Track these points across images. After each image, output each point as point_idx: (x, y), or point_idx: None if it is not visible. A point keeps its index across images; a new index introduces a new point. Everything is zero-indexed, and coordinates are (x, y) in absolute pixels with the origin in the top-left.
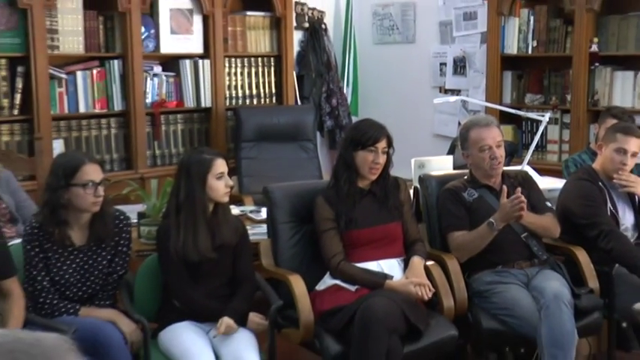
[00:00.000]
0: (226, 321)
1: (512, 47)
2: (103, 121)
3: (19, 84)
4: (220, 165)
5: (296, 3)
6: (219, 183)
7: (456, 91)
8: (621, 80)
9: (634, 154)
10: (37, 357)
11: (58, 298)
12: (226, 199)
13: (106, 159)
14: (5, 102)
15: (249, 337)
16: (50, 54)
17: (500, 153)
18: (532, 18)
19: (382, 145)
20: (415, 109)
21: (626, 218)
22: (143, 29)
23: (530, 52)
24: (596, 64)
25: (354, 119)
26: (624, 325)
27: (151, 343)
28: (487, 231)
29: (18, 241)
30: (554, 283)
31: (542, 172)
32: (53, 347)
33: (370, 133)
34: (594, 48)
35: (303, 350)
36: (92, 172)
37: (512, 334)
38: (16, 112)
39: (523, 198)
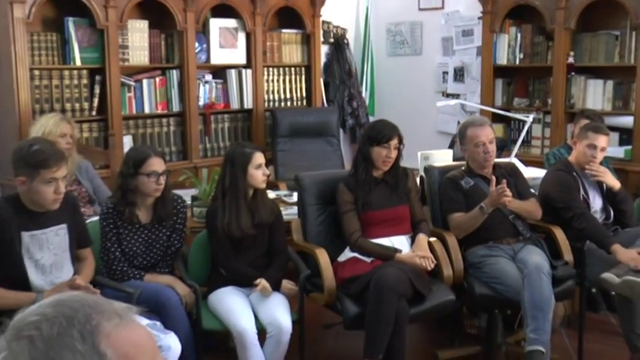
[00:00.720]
0: (263, 282)
1: (502, 59)
2: (164, 120)
3: (97, 90)
4: (259, 157)
5: (323, 22)
6: (258, 172)
7: (455, 95)
8: (593, 87)
9: (602, 149)
10: (105, 312)
11: (127, 266)
12: (264, 185)
13: (165, 151)
14: (85, 105)
15: (282, 299)
16: (122, 65)
17: (492, 148)
18: (519, 35)
19: (394, 142)
20: (421, 110)
21: (596, 202)
22: (197, 44)
23: (517, 62)
24: (572, 73)
25: (371, 119)
26: (594, 290)
27: (201, 303)
28: (479, 214)
29: (95, 219)
30: (536, 257)
31: (527, 163)
32: (121, 307)
33: (385, 132)
34: (570, 60)
35: (327, 311)
36: (156, 164)
37: (501, 299)
38: (94, 113)
39: (507, 188)
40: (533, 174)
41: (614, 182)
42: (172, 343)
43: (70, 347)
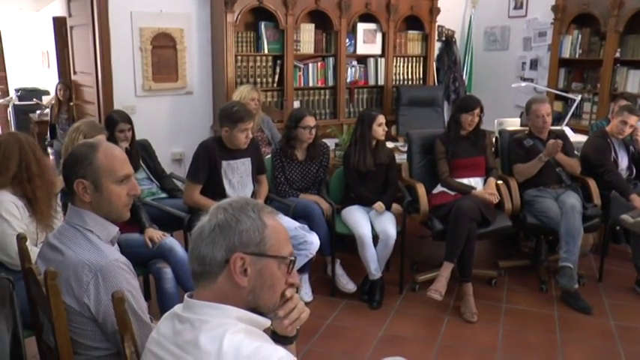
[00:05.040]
0: (379, 204)
1: (566, 53)
2: (322, 91)
3: (277, 70)
4: (381, 118)
5: (438, 26)
6: (379, 128)
7: (530, 80)
8: (632, 76)
9: (631, 126)
10: (264, 206)
11: (288, 188)
12: (383, 137)
13: (322, 112)
14: (270, 79)
15: (391, 216)
16: (295, 54)
17: (549, 120)
18: (580, 36)
19: (477, 111)
20: (505, 90)
21: (623, 162)
22: (347, 40)
23: (577, 56)
24: (618, 65)
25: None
26: (617, 228)
27: (336, 215)
28: (537, 162)
29: (268, 156)
30: (572, 199)
31: (577, 131)
32: (270, 208)
33: (470, 104)
34: (617, 55)
35: (422, 227)
36: (310, 121)
37: (545, 228)
38: (275, 85)
39: (560, 142)
40: (578, 139)
41: None
42: (314, 240)
43: (247, 213)
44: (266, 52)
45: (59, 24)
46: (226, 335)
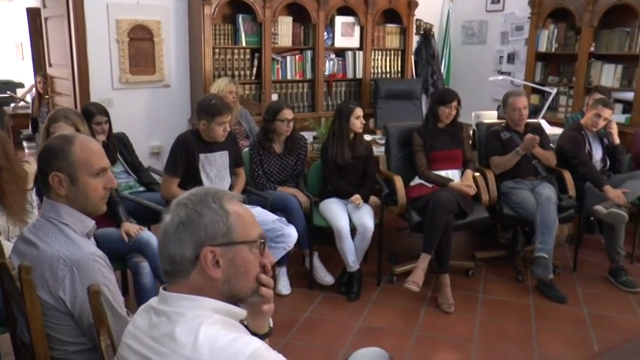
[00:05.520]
0: (357, 196)
1: (542, 47)
2: (300, 84)
3: (255, 62)
4: (358, 111)
5: (416, 19)
6: (357, 121)
7: (507, 73)
8: (606, 70)
9: (605, 119)
10: (224, 193)
11: (266, 181)
12: (360, 130)
13: (300, 105)
14: (247, 72)
15: (369, 209)
16: (273, 46)
17: (525, 113)
18: (556, 30)
19: (454, 103)
20: (482, 83)
21: (597, 154)
22: (325, 33)
23: (553, 50)
24: (592, 59)
25: None
26: (592, 218)
27: (314, 208)
28: (514, 155)
29: (246, 149)
30: (548, 191)
31: (553, 124)
32: (232, 193)
33: (447, 96)
34: (592, 49)
35: (399, 219)
36: (287, 114)
37: (521, 219)
38: (253, 77)
39: (537, 137)
40: (554, 131)
41: (616, 138)
42: (292, 232)
43: (208, 205)
44: (244, 44)
45: (33, 15)
46: (202, 327)
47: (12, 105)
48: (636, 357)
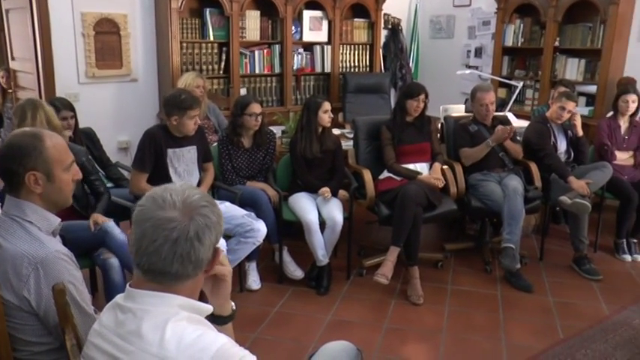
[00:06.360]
0: (326, 188)
1: (509, 42)
2: (269, 78)
3: (223, 57)
4: (327, 105)
5: (384, 14)
6: (325, 115)
7: (475, 67)
8: (570, 63)
9: (569, 112)
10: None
11: (235, 176)
12: (329, 124)
13: (269, 99)
14: (215, 66)
15: (338, 203)
16: (241, 41)
17: (492, 108)
18: (522, 25)
19: (422, 97)
20: (450, 77)
21: (562, 146)
22: (293, 28)
23: (519, 45)
24: (557, 53)
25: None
26: (557, 209)
27: (283, 202)
28: (484, 147)
29: (215, 144)
30: (514, 182)
31: (519, 116)
32: (201, 196)
33: (415, 90)
34: (556, 44)
35: (368, 212)
36: (255, 108)
37: (489, 210)
38: (221, 72)
39: (509, 128)
40: (521, 124)
41: (580, 130)
42: (262, 227)
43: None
44: (211, 39)
45: None
46: (169, 324)
47: None
48: (599, 343)
